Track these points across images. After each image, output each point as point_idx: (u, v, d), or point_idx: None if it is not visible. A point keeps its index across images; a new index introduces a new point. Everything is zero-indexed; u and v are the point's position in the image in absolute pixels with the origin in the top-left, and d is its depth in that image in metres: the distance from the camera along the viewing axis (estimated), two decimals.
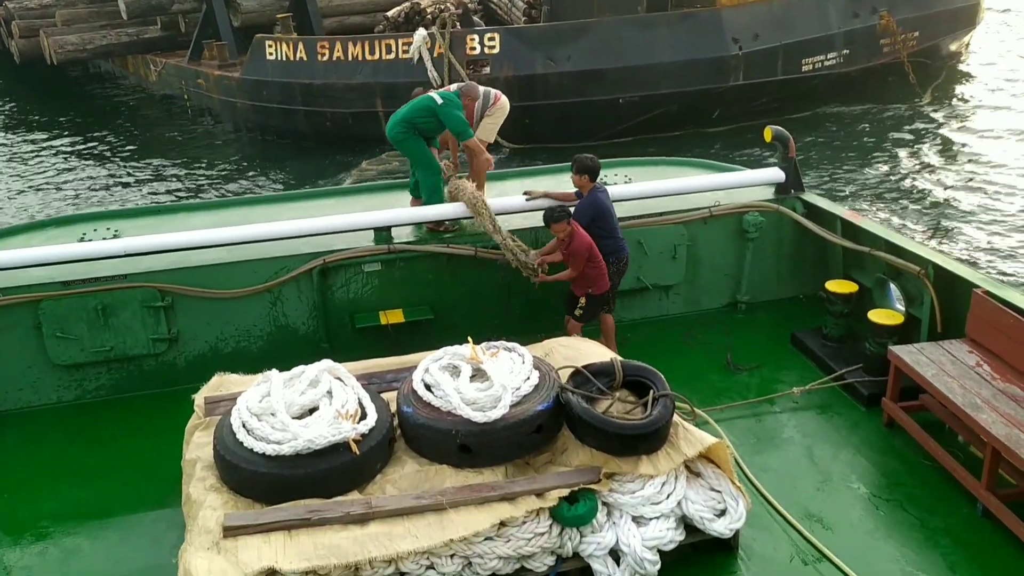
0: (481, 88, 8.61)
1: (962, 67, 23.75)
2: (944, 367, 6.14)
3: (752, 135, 18.42)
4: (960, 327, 6.53)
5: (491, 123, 8.54)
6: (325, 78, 19.15)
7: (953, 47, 23.21)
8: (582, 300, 7.08)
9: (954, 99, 21.59)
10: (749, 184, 8.50)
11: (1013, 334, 6.02)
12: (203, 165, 20.00)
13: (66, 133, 23.04)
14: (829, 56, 19.81)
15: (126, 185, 19.13)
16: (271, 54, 19.73)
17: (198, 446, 5.53)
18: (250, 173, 19.33)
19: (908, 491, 5.88)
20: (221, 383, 6.12)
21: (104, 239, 7.72)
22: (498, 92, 8.67)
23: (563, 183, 8.91)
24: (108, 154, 21.23)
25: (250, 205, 9.06)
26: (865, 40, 20.27)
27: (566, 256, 6.95)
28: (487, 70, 18.20)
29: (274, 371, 5.55)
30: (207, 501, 5.00)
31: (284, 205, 8.76)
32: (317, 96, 19.43)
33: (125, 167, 20.26)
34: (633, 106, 18.51)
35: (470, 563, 4.92)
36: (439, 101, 7.82)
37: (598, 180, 7.21)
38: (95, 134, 22.63)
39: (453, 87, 8.42)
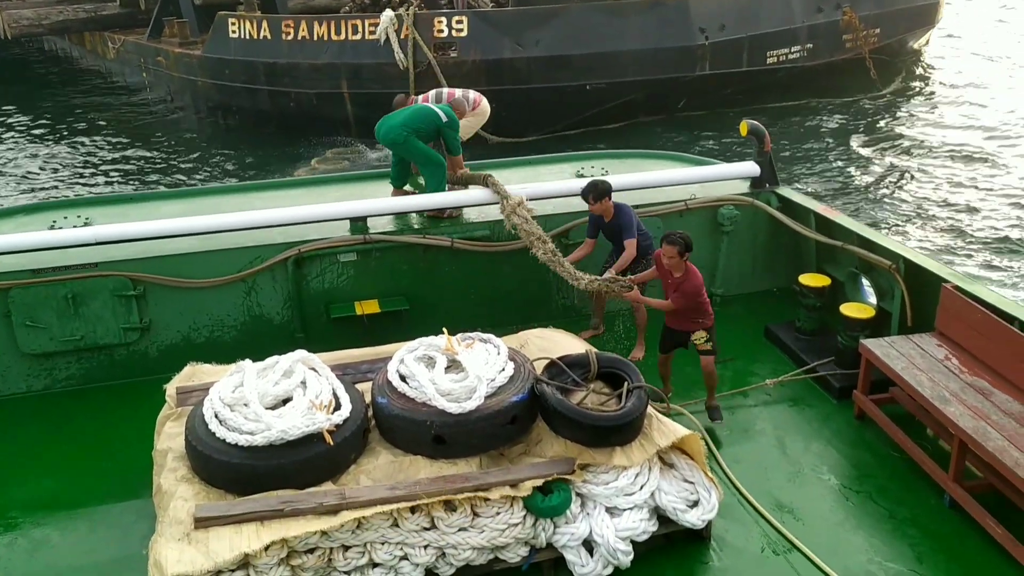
0: (458, 91, 8.77)
1: (922, 64, 24.08)
2: (914, 360, 6.22)
3: (717, 126, 18.60)
4: (930, 321, 6.62)
5: (468, 126, 8.67)
6: (289, 57, 18.94)
7: (913, 44, 23.49)
8: (701, 335, 6.40)
9: (915, 95, 21.92)
10: (724, 177, 8.55)
11: (981, 328, 6.11)
12: (162, 144, 19.67)
13: (19, 113, 22.56)
14: (793, 49, 19.99)
15: (85, 165, 18.75)
16: (234, 32, 19.46)
17: (169, 436, 5.48)
18: (210, 153, 19.03)
19: (877, 483, 5.96)
20: (193, 373, 6.07)
21: (75, 227, 7.62)
22: (478, 96, 8.86)
23: (542, 174, 8.94)
24: (65, 134, 20.82)
25: (223, 194, 8.98)
26: (828, 35, 20.47)
27: (673, 292, 6.31)
28: (454, 53, 18.14)
29: (247, 361, 5.51)
30: (178, 492, 4.96)
31: (257, 194, 8.69)
32: (281, 76, 19.22)
33: (82, 148, 19.89)
34: (600, 93, 18.51)
35: (444, 554, 4.92)
36: (444, 118, 7.99)
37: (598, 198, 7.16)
38: (49, 114, 22.17)
39: (432, 95, 8.51)
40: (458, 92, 8.93)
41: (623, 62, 18.39)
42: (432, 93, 8.80)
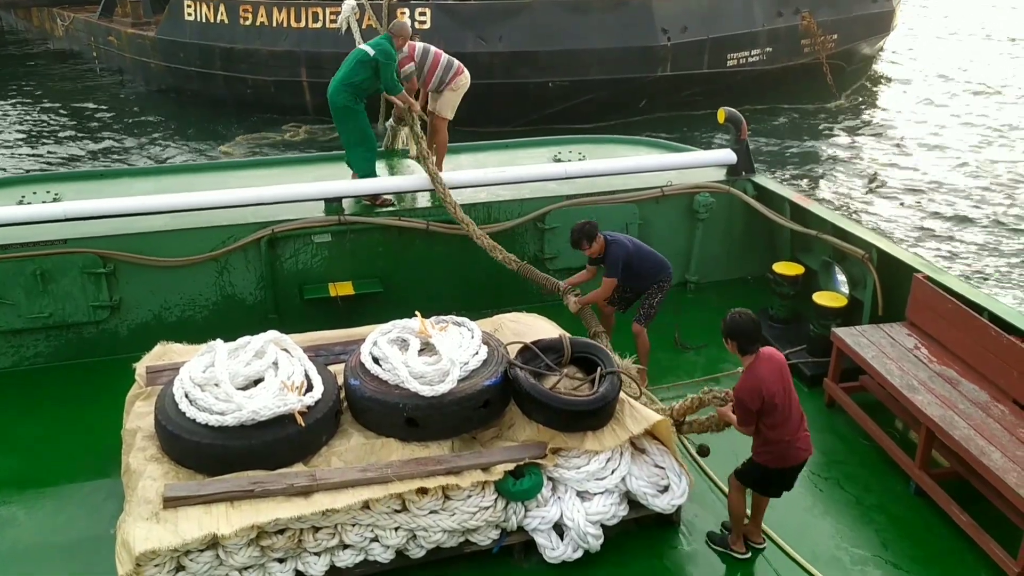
0: (444, 56, 8.48)
1: (876, 70, 24.37)
2: (884, 349, 6.28)
3: (678, 128, 18.64)
4: (901, 310, 6.69)
5: (452, 98, 8.46)
6: (247, 43, 18.62)
7: (868, 51, 23.68)
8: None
9: (870, 101, 22.22)
10: (701, 165, 8.57)
11: (950, 318, 6.18)
12: (112, 128, 19.17)
13: None
14: (753, 52, 20.03)
15: (28, 145, 18.29)
16: (190, 14, 19.13)
17: (139, 416, 5.43)
18: (160, 136, 18.58)
19: (846, 469, 6.03)
20: (164, 352, 6.01)
21: (44, 203, 7.50)
22: (460, 64, 8.58)
23: (519, 158, 8.90)
24: (10, 113, 20.29)
25: (195, 172, 8.87)
26: (787, 39, 20.54)
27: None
28: None
29: (219, 341, 5.46)
30: (147, 471, 4.92)
31: (230, 173, 8.60)
32: (238, 61, 18.90)
33: (23, 128, 19.35)
34: (562, 91, 18.42)
35: (414, 536, 4.92)
36: (371, 52, 7.66)
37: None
38: None
39: (419, 47, 8.27)
40: (444, 57, 8.72)
41: (586, 60, 18.31)
42: (420, 46, 8.51)
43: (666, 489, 5.28)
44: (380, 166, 8.42)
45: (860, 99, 22.04)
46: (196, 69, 19.37)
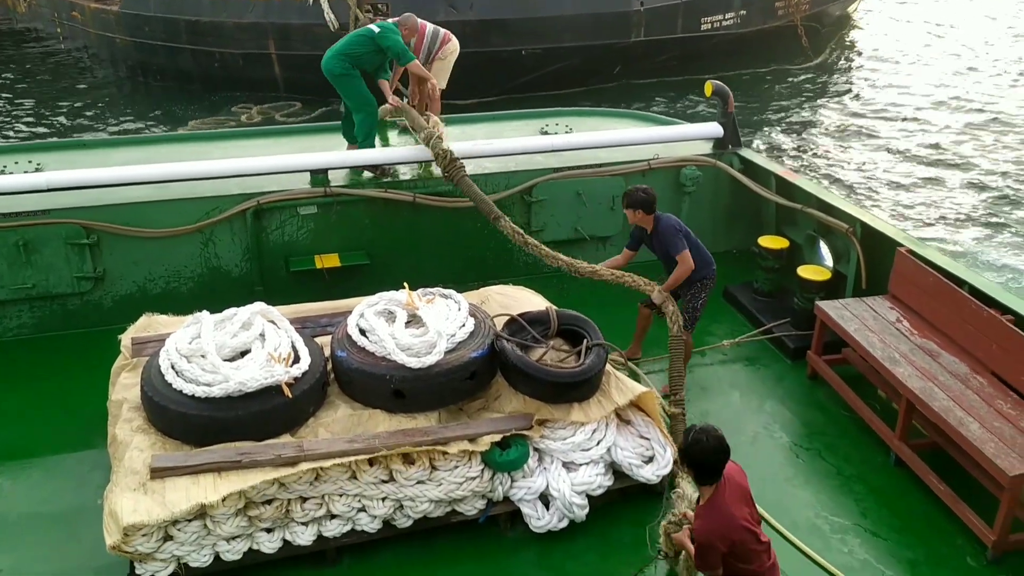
0: (429, 25, 8.47)
1: (850, 32, 24.23)
2: (866, 322, 6.35)
3: (652, 94, 18.53)
4: (884, 284, 6.75)
5: (442, 67, 8.45)
6: (213, 15, 18.08)
7: (841, 12, 23.55)
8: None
9: (846, 63, 22.08)
10: (688, 138, 8.57)
11: (932, 291, 6.25)
12: (77, 106, 18.70)
13: None
14: (727, 16, 19.80)
15: None
16: None
17: (125, 387, 5.43)
18: (128, 113, 18.20)
19: (827, 440, 6.11)
20: (149, 324, 6.00)
21: (26, 172, 7.42)
22: (447, 32, 8.56)
23: (505, 131, 8.87)
24: None
25: (179, 142, 8.80)
26: (761, 2, 20.32)
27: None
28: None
29: (204, 313, 5.46)
30: (134, 442, 4.93)
31: (215, 143, 8.53)
32: (205, 35, 18.37)
33: None
34: (536, 59, 18.12)
35: (401, 506, 4.97)
36: (376, 30, 7.71)
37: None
38: None
39: (391, 21, 8.28)
40: (429, 28, 8.66)
41: (559, 27, 17.99)
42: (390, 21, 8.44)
43: (651, 459, 5.35)
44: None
45: (836, 60, 21.95)
46: (162, 43, 18.85)
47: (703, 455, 3.90)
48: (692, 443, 3.92)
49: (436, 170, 7.72)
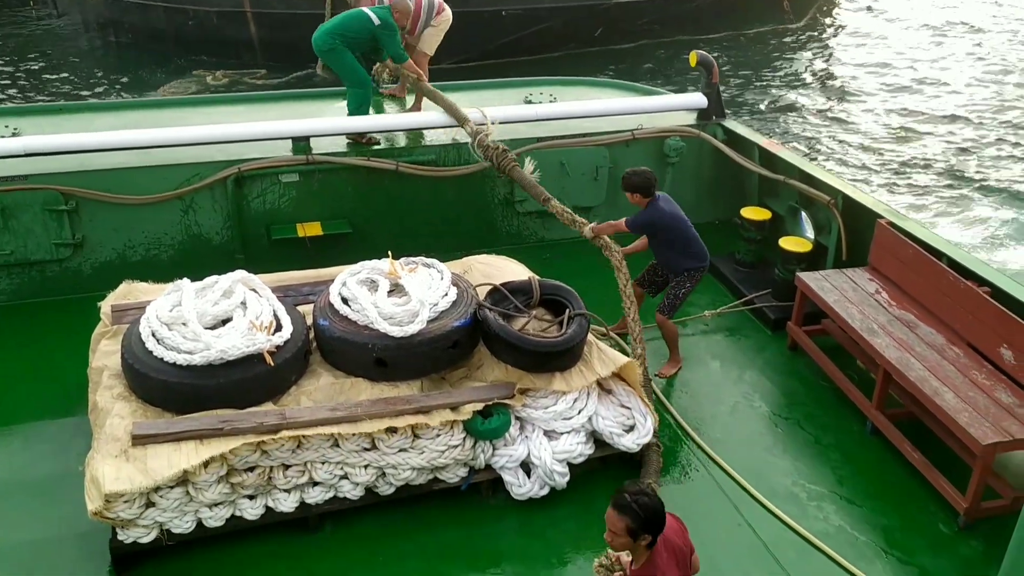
0: None
1: None
2: (846, 293, 6.41)
3: (634, 60, 18.36)
4: (865, 255, 6.80)
5: (434, 34, 8.42)
6: None
7: None
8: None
9: (829, 27, 21.89)
10: (672, 108, 8.56)
11: (911, 263, 6.31)
12: (47, 67, 18.28)
13: None
14: None
15: None
16: None
17: (105, 354, 5.40)
18: (95, 75, 17.82)
19: (806, 410, 6.19)
20: (129, 291, 5.96)
21: (2, 137, 7.31)
22: (442, 2, 8.50)
23: (489, 99, 8.81)
24: None
25: (159, 108, 8.69)
26: None
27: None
28: None
29: (185, 280, 5.42)
30: (115, 409, 4.92)
31: (195, 109, 8.44)
32: None
33: None
34: (516, 20, 17.76)
35: (384, 474, 5.00)
36: (376, 21, 7.62)
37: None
38: None
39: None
40: (436, 1, 8.59)
41: None
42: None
43: (631, 429, 5.39)
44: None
45: (819, 23, 21.80)
46: (134, 1, 18.55)
47: (647, 511, 3.39)
48: (645, 508, 3.39)
49: (428, 138, 7.71)
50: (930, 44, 20.53)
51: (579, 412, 5.28)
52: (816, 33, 21.36)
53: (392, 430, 4.94)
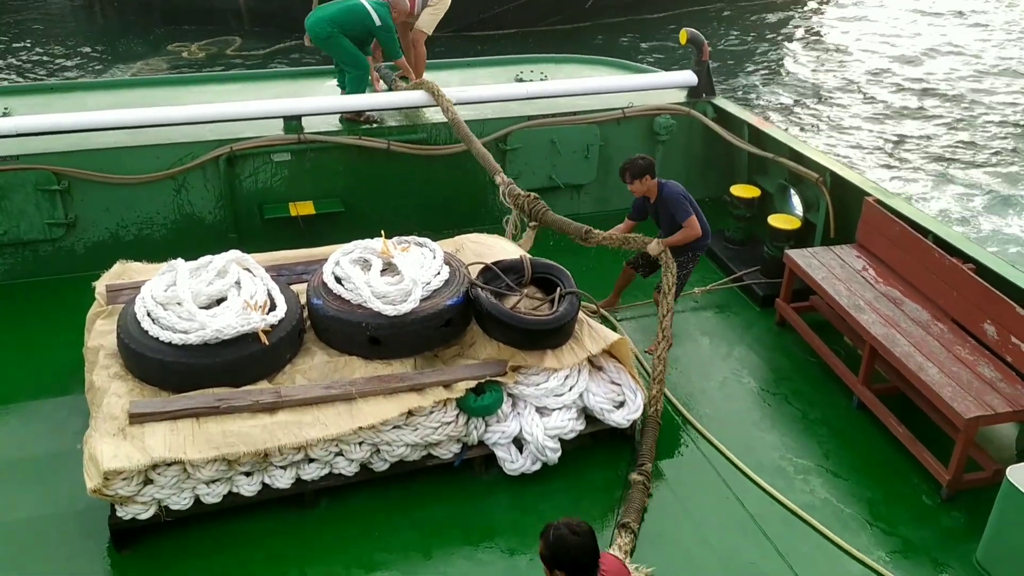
0: None
1: None
2: (833, 270, 6.49)
3: (623, 35, 18.21)
4: (852, 233, 6.88)
5: (432, 15, 8.42)
6: None
7: None
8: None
9: (822, 2, 21.85)
10: (662, 86, 8.58)
11: (898, 240, 6.38)
12: (31, 39, 18.08)
13: None
14: None
15: None
16: None
17: (100, 334, 5.45)
18: (79, 47, 17.64)
19: (793, 386, 6.28)
20: (123, 271, 6.00)
21: None
22: None
23: (479, 77, 8.81)
24: None
25: (151, 86, 8.67)
26: None
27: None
28: None
29: (179, 260, 5.47)
30: (112, 388, 4.97)
31: (187, 88, 8.41)
32: None
33: None
34: None
35: (378, 450, 5.07)
36: (377, 22, 7.66)
37: None
38: None
39: None
40: None
41: None
42: None
43: (622, 405, 5.48)
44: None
45: None
46: None
47: (570, 551, 3.26)
48: (555, 541, 3.28)
49: (419, 117, 7.82)
50: (923, 22, 20.47)
51: (570, 389, 5.35)
52: (808, 9, 21.29)
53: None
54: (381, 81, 8.48)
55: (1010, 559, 4.66)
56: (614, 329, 6.42)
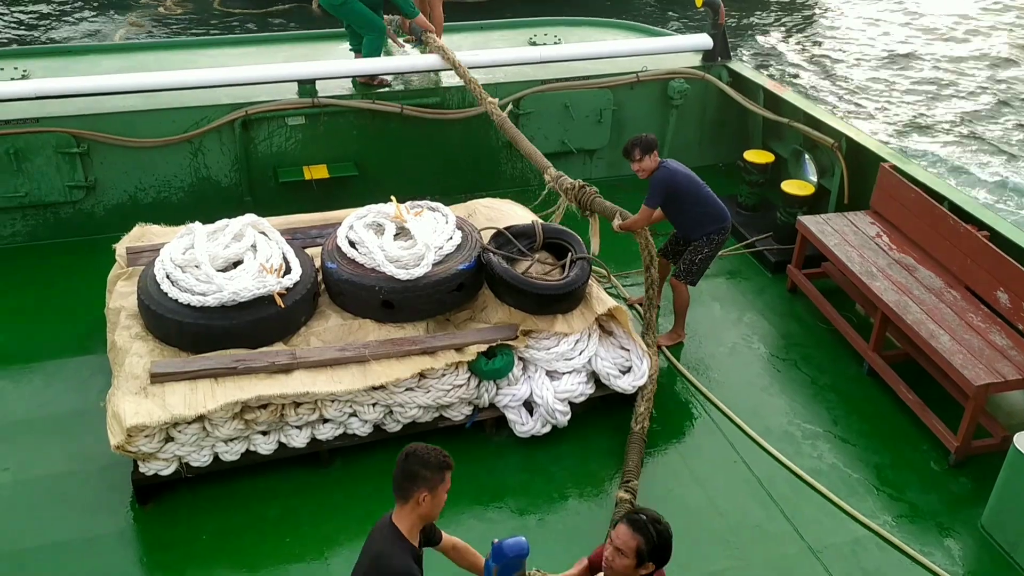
0: None
1: None
2: (846, 237, 6.48)
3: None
4: (867, 199, 6.85)
5: None
6: None
7: None
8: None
9: None
10: (676, 50, 8.51)
11: (912, 207, 6.36)
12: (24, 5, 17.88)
13: None
14: None
15: None
16: None
17: (121, 295, 5.55)
18: (75, 17, 17.39)
19: (803, 352, 6.32)
20: (143, 234, 6.08)
21: (13, 80, 7.36)
22: None
23: (493, 40, 8.77)
24: None
25: (167, 50, 8.69)
26: None
27: None
28: None
29: (197, 223, 5.54)
30: (133, 348, 5.08)
31: (202, 51, 8.43)
32: None
33: None
34: None
35: (391, 411, 5.17)
36: None
37: None
38: None
39: None
40: None
41: None
42: None
43: (628, 370, 5.53)
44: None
45: None
46: None
47: (671, 546, 3.24)
48: (666, 536, 3.22)
49: (433, 80, 7.82)
50: None
51: (580, 353, 5.41)
52: None
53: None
54: (400, 39, 8.43)
55: (1014, 524, 4.72)
56: (622, 299, 6.44)
